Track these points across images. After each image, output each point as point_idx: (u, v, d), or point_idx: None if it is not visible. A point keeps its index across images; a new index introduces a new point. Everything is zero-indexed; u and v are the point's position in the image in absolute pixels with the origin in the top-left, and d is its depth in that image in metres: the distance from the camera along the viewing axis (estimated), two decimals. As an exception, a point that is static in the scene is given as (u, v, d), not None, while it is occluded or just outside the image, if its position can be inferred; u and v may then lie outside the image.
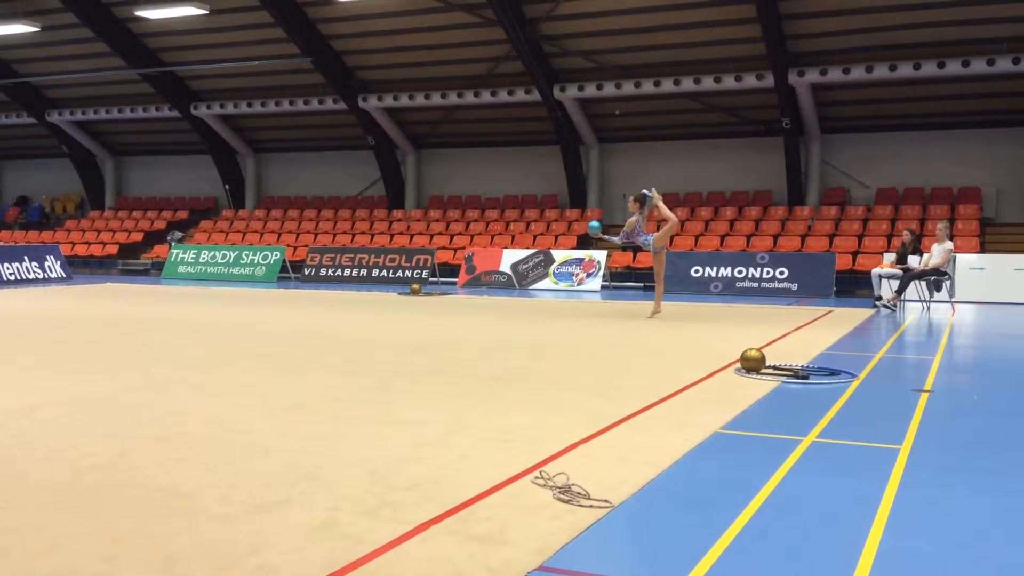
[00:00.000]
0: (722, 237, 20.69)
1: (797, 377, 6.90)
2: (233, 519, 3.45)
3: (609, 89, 20.90)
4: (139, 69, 24.13)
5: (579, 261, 19.49)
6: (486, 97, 22.05)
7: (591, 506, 3.61)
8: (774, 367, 7.20)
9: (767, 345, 9.03)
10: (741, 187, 22.36)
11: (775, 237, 20.27)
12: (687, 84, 20.23)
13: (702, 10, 18.98)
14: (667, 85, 20.38)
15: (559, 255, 19.81)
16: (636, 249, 20.67)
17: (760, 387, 6.54)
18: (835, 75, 19.01)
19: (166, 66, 24.31)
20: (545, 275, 19.62)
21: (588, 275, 19.20)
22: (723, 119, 21.83)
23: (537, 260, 19.87)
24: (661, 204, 12.40)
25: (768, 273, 18.09)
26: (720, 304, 15.51)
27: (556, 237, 21.94)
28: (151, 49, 24.05)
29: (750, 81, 19.78)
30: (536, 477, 4.02)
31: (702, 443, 4.78)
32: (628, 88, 20.74)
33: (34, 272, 19.83)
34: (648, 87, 20.55)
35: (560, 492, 3.77)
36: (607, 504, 3.65)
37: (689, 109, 21.76)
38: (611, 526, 3.46)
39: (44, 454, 4.42)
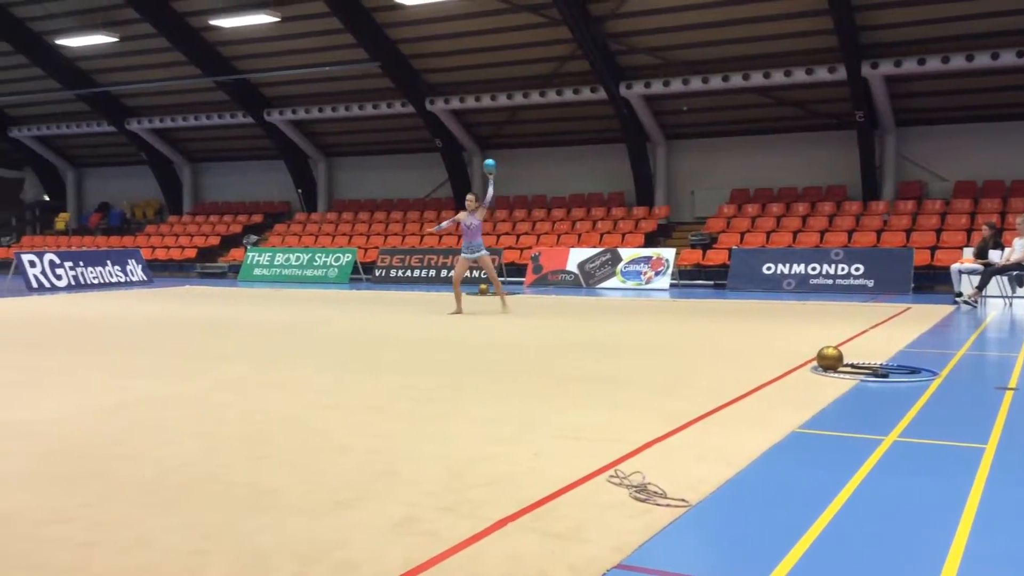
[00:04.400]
0: (795, 233, 20.34)
1: (876, 375, 6.75)
2: (316, 515, 3.52)
3: (676, 85, 20.71)
4: (214, 77, 24.74)
5: (647, 259, 19.36)
6: (551, 97, 22.06)
7: (668, 505, 3.60)
8: (852, 365, 7.06)
9: (844, 343, 8.85)
10: (814, 182, 21.95)
11: (850, 233, 19.85)
12: (756, 79, 19.94)
13: (771, 3, 18.68)
14: (736, 80, 20.12)
15: (626, 253, 19.71)
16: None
17: (838, 386, 6.43)
18: (910, 66, 18.53)
19: (240, 74, 24.88)
20: (612, 274, 19.54)
21: (657, 273, 19.06)
22: (794, 113, 21.46)
23: (604, 259, 19.80)
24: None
25: (843, 270, 17.73)
26: (793, 301, 15.26)
27: (623, 235, 21.82)
28: (225, 57, 24.64)
29: (822, 74, 19.41)
30: (611, 476, 4.02)
31: (780, 443, 4.71)
32: (696, 84, 20.52)
33: (116, 276, 20.48)
34: (716, 82, 20.32)
35: (636, 491, 3.76)
36: (684, 503, 3.63)
37: (759, 104, 21.45)
38: (689, 525, 3.44)
39: (131, 452, 4.57)
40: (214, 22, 22.03)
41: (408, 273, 21.93)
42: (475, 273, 20.94)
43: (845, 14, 17.95)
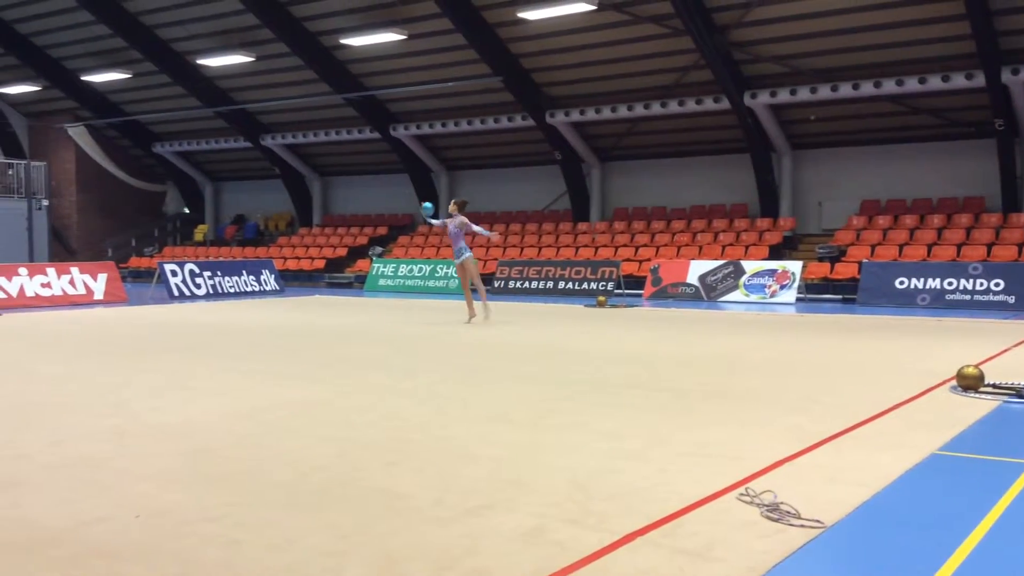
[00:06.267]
0: (929, 246, 19.50)
1: (1020, 396, 6.41)
2: (447, 521, 3.60)
3: (803, 94, 20.18)
4: (343, 94, 25.59)
5: (772, 272, 18.90)
6: (673, 107, 21.84)
7: (802, 526, 3.52)
8: (994, 385, 6.73)
9: (984, 362, 8.43)
10: (949, 193, 21.00)
11: (989, 246, 18.88)
12: (888, 86, 19.23)
13: (904, 9, 18.00)
14: (867, 88, 19.46)
15: (750, 266, 19.29)
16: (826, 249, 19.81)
17: (979, 406, 6.14)
18: (1057, 70, 17.53)
19: (367, 90, 25.64)
20: (735, 287, 19.16)
21: (782, 287, 18.59)
22: (928, 122, 20.59)
23: (726, 271, 19.44)
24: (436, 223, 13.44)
25: (982, 285, 16.87)
26: (928, 318, 14.62)
27: (746, 248, 21.38)
28: (354, 75, 25.44)
29: (959, 81, 18.56)
30: (742, 494, 3.96)
31: (918, 464, 4.54)
32: (824, 92, 19.95)
33: (251, 285, 21.38)
34: (846, 90, 19.70)
35: (768, 510, 3.69)
36: (819, 524, 3.54)
37: (890, 112, 20.68)
38: (825, 547, 3.35)
39: (269, 455, 4.77)
40: (344, 41, 22.79)
41: (527, 284, 22.08)
42: (592, 285, 20.90)
43: (983, 19, 17.13)
